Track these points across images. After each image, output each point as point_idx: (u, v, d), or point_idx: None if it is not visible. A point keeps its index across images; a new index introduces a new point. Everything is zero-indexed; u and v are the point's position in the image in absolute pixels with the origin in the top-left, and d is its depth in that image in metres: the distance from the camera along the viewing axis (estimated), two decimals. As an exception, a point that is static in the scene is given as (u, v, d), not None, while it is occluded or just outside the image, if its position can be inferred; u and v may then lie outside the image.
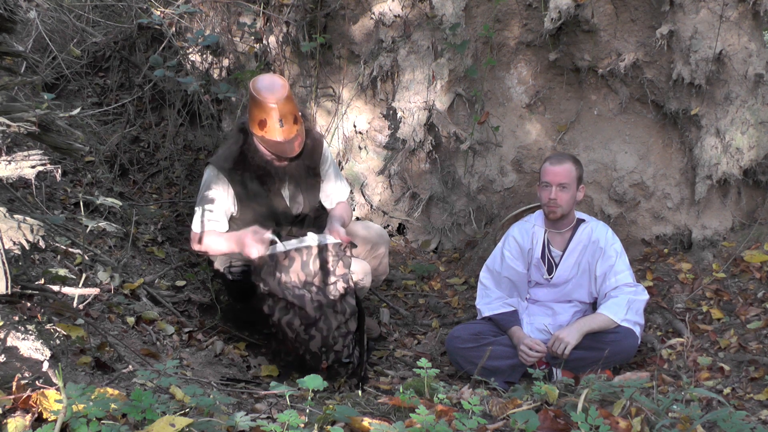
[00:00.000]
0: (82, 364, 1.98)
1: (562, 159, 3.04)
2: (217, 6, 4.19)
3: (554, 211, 3.03)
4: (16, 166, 1.84)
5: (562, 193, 2.99)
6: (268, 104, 2.69)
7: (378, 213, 4.31)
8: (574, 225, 3.10)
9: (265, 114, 2.71)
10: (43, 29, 4.03)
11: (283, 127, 2.73)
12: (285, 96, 2.71)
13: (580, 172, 3.05)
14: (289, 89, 2.75)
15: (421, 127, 3.94)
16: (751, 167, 3.43)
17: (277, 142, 2.76)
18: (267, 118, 2.71)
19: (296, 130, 2.79)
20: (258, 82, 2.74)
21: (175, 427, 1.39)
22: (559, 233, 3.09)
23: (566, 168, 2.99)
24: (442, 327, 3.52)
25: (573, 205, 3.05)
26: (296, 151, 2.84)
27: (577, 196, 3.06)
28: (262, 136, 2.76)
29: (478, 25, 3.86)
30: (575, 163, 3.05)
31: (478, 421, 1.59)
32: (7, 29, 1.91)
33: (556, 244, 3.10)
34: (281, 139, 2.75)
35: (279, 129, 2.73)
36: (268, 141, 2.77)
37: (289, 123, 2.74)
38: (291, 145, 2.80)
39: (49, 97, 3.37)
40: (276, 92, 2.70)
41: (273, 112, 2.70)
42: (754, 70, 3.36)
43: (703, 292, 3.27)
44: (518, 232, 3.17)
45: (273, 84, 2.73)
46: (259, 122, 2.74)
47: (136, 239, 3.46)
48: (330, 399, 2.10)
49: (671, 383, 2.66)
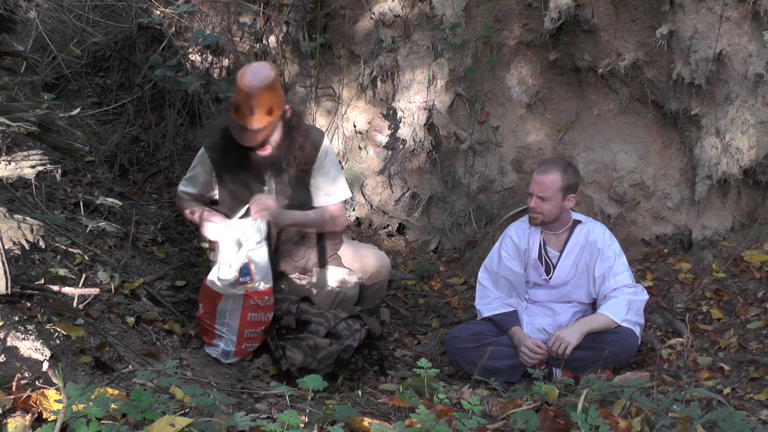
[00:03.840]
0: (82, 364, 1.98)
1: (548, 168, 2.97)
2: (217, 6, 4.19)
3: (534, 219, 3.03)
4: (16, 166, 1.84)
5: (543, 203, 2.96)
6: (244, 89, 2.66)
7: (378, 213, 4.31)
8: (570, 226, 3.08)
9: (240, 98, 2.69)
10: (43, 29, 4.03)
11: (254, 116, 2.70)
12: (264, 85, 2.66)
13: (568, 181, 2.96)
14: (274, 81, 2.70)
15: (421, 127, 3.94)
16: (751, 167, 3.43)
17: (242, 126, 2.73)
18: (241, 103, 2.69)
19: (267, 121, 2.73)
20: (246, 67, 2.73)
21: (175, 427, 1.39)
22: (555, 234, 3.08)
23: (550, 179, 2.94)
24: (442, 327, 3.52)
25: (558, 213, 3.00)
26: (257, 141, 2.77)
27: (565, 204, 3.00)
28: (235, 120, 2.75)
29: (478, 25, 3.86)
30: (564, 172, 2.96)
31: (478, 421, 1.59)
32: (7, 29, 1.91)
33: (552, 245, 3.10)
34: (248, 126, 2.72)
35: (248, 116, 2.70)
36: (236, 126, 2.75)
37: (260, 113, 2.69)
38: (253, 135, 2.74)
39: (49, 97, 3.37)
40: (256, 80, 2.66)
41: (248, 98, 2.67)
42: (754, 70, 3.37)
43: (703, 292, 3.27)
44: (514, 232, 3.16)
45: (257, 72, 2.69)
46: (235, 106, 2.73)
47: (136, 239, 3.46)
48: (330, 399, 2.10)
49: (671, 383, 2.66)
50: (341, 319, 2.83)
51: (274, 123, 2.77)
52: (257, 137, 2.76)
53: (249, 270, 2.74)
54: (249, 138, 2.75)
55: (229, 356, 2.79)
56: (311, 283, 3.05)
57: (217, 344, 2.80)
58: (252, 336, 2.81)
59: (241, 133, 2.75)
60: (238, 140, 2.79)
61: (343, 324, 2.81)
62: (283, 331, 2.85)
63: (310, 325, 2.80)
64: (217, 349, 2.79)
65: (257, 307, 2.79)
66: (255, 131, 2.73)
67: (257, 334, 2.82)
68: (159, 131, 4.50)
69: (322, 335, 2.77)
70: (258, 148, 2.82)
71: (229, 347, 2.79)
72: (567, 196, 2.98)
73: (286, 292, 3.00)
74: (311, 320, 2.81)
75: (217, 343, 2.80)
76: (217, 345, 2.80)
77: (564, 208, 3.01)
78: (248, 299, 2.77)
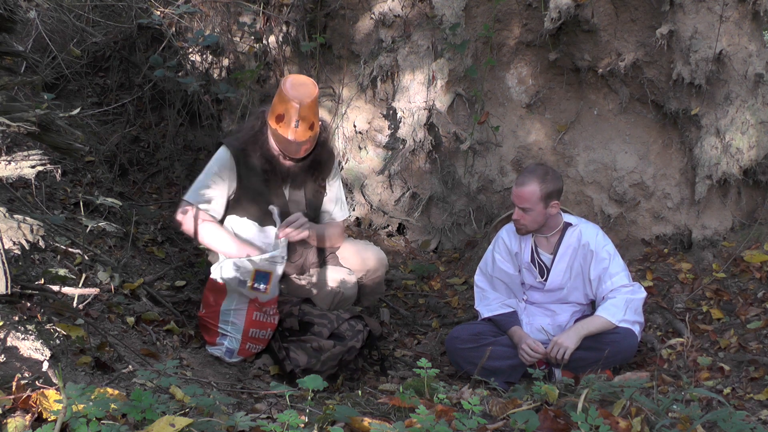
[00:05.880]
0: (82, 364, 1.98)
1: (525, 180, 2.93)
2: (217, 6, 4.19)
3: (519, 229, 3.03)
4: (16, 166, 1.84)
5: (525, 214, 2.96)
6: (291, 101, 2.74)
7: (378, 213, 4.31)
8: (561, 229, 3.07)
9: (285, 110, 2.76)
10: (43, 29, 4.03)
11: (298, 129, 2.78)
12: (310, 100, 2.76)
13: (548, 189, 2.92)
14: (317, 95, 2.80)
15: (421, 127, 3.94)
16: (751, 167, 3.43)
17: (287, 139, 2.80)
18: (285, 114, 2.76)
19: (309, 135, 2.82)
20: (290, 78, 2.81)
21: (175, 427, 1.39)
22: (546, 237, 3.07)
23: (528, 191, 2.91)
24: (442, 327, 3.52)
25: (542, 221, 2.98)
26: (301, 154, 2.88)
27: (549, 212, 2.97)
28: (276, 129, 2.80)
29: (478, 25, 3.86)
30: (542, 181, 2.91)
31: (478, 421, 1.59)
32: (7, 29, 1.91)
33: (543, 248, 3.09)
34: (292, 138, 2.79)
35: (293, 128, 2.77)
36: (279, 136, 2.81)
37: (304, 126, 2.78)
38: (298, 147, 2.84)
39: (49, 97, 3.37)
40: (303, 93, 2.76)
41: (293, 111, 2.74)
42: (754, 70, 3.37)
43: (703, 292, 3.27)
44: (506, 234, 3.16)
45: (303, 84, 2.79)
46: (277, 115, 2.79)
47: (136, 239, 3.46)
48: (330, 399, 2.10)
49: (671, 383, 2.66)
50: (344, 320, 2.83)
51: (314, 137, 2.87)
52: (302, 150, 2.85)
53: (269, 279, 2.77)
54: (295, 150, 2.84)
55: (233, 355, 2.80)
56: (311, 283, 3.06)
57: (221, 343, 2.80)
58: (256, 337, 2.81)
59: (286, 144, 2.82)
60: (281, 149, 2.85)
61: (345, 325, 2.81)
62: (286, 333, 2.85)
63: (313, 326, 2.80)
64: (221, 348, 2.80)
65: (263, 307, 2.81)
66: (300, 143, 2.81)
67: (262, 336, 2.82)
68: (159, 131, 4.50)
69: (326, 337, 2.77)
70: (298, 161, 2.90)
71: (234, 345, 2.80)
72: (549, 204, 2.95)
73: (286, 293, 3.00)
74: (314, 322, 2.81)
75: (220, 342, 2.81)
76: (221, 344, 2.80)
77: (548, 215, 2.99)
78: (254, 301, 2.79)
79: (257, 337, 2.82)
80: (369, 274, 3.16)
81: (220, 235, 2.88)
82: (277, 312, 2.84)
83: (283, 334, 2.85)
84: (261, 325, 2.81)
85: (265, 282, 2.77)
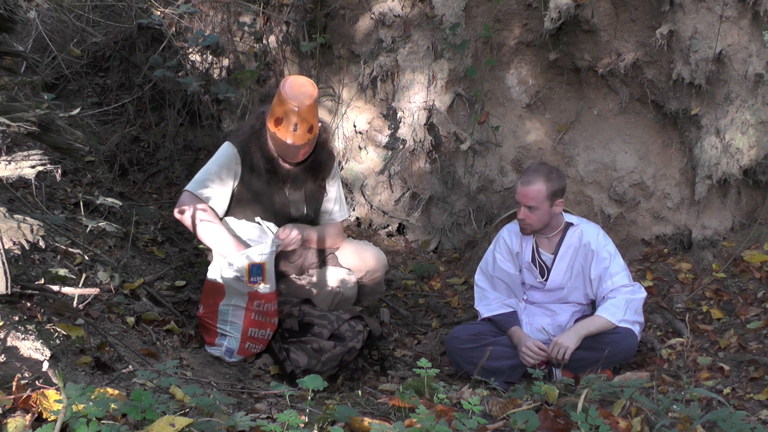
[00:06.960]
0: (82, 364, 1.98)
1: (531, 179, 2.94)
2: (217, 6, 4.20)
3: (524, 229, 3.03)
4: (16, 166, 1.84)
5: (531, 213, 2.96)
6: (290, 105, 2.71)
7: (378, 213, 4.31)
8: (562, 229, 3.07)
9: (284, 113, 2.74)
10: (43, 29, 4.03)
11: (296, 132, 2.76)
12: (309, 103, 2.74)
13: (553, 188, 2.94)
14: (316, 97, 2.78)
15: (421, 127, 3.94)
16: (751, 167, 3.43)
17: (285, 143, 2.79)
18: (284, 118, 2.74)
19: (308, 138, 2.80)
20: (289, 80, 2.78)
21: (175, 427, 1.39)
22: (547, 237, 3.08)
23: (534, 189, 2.92)
24: (442, 327, 3.52)
25: (547, 219, 2.99)
26: (300, 158, 2.87)
27: (554, 210, 2.98)
28: (275, 133, 2.79)
29: (478, 25, 3.86)
30: (547, 180, 2.93)
31: (478, 421, 1.59)
32: (7, 29, 1.91)
33: (544, 248, 3.09)
34: (290, 142, 2.78)
35: (292, 132, 2.75)
36: (277, 139, 2.80)
37: (303, 129, 2.76)
38: (297, 151, 2.82)
39: (49, 97, 3.37)
40: (302, 97, 2.73)
41: (292, 115, 2.72)
42: (754, 70, 3.37)
43: (703, 292, 3.27)
44: (507, 234, 3.17)
45: (302, 87, 2.76)
46: (276, 119, 2.77)
47: (136, 239, 3.46)
48: (330, 399, 2.10)
49: (671, 383, 2.66)
50: (344, 320, 2.83)
51: (313, 140, 2.85)
52: (300, 154, 2.84)
53: (263, 270, 2.75)
54: (293, 154, 2.83)
55: (233, 354, 2.80)
56: (311, 283, 3.06)
57: (221, 342, 2.80)
58: (256, 336, 2.81)
59: (285, 148, 2.82)
60: (279, 153, 2.85)
61: (346, 325, 2.81)
62: (286, 334, 2.85)
63: (313, 327, 2.80)
64: (220, 348, 2.79)
65: (261, 305, 2.81)
66: (299, 147, 2.80)
67: (261, 336, 2.82)
68: (159, 131, 4.50)
69: (326, 337, 2.77)
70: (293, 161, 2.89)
71: (233, 345, 2.80)
72: (555, 202, 2.97)
73: (286, 293, 3.00)
74: (314, 322, 2.81)
75: (220, 342, 2.80)
76: (221, 344, 2.80)
77: (553, 213, 3.00)
78: (252, 300, 2.78)
79: (256, 336, 2.81)
80: (369, 274, 3.15)
81: (218, 234, 2.86)
82: (276, 312, 2.84)
83: (283, 335, 2.85)
84: (260, 325, 2.81)
85: (260, 274, 2.76)
